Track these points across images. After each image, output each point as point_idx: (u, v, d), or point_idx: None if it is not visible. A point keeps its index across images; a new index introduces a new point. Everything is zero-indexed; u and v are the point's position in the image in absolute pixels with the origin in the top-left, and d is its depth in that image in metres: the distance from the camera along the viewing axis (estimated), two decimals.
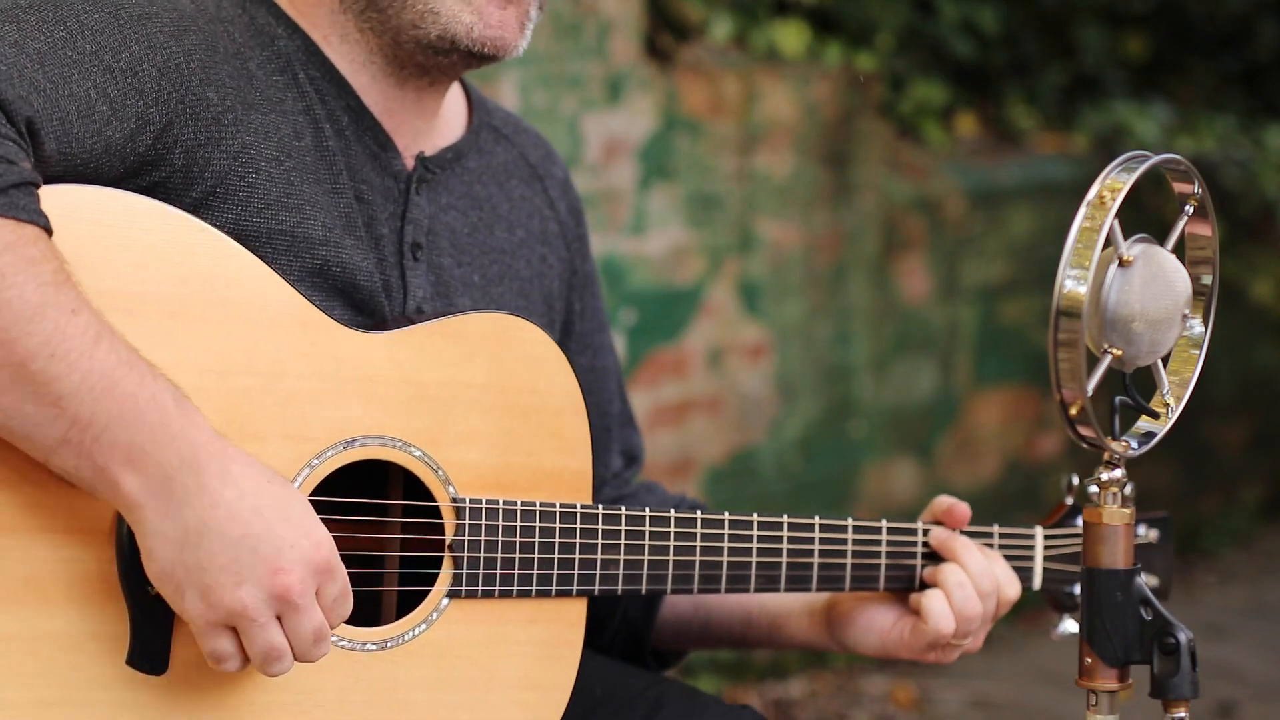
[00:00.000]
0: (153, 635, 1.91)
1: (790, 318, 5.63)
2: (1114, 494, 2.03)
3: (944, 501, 2.36)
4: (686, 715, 2.35)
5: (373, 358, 2.06)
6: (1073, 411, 1.93)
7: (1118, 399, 2.01)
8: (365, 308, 2.14)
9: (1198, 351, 2.05)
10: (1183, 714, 2.01)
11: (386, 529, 2.11)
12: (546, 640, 2.15)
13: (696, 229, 5.31)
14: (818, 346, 5.73)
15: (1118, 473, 2.03)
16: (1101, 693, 2.03)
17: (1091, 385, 1.92)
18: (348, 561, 1.97)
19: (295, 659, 1.91)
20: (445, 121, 2.31)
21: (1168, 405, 2.04)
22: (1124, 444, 2.01)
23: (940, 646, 2.31)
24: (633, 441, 2.55)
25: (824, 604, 2.39)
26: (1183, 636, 1.99)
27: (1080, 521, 2.08)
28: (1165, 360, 2.02)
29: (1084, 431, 1.95)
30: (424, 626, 2.08)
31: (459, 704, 2.10)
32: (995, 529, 2.39)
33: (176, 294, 1.95)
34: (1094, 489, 2.03)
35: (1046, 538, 2.43)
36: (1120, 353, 1.95)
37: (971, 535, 2.36)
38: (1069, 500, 2.47)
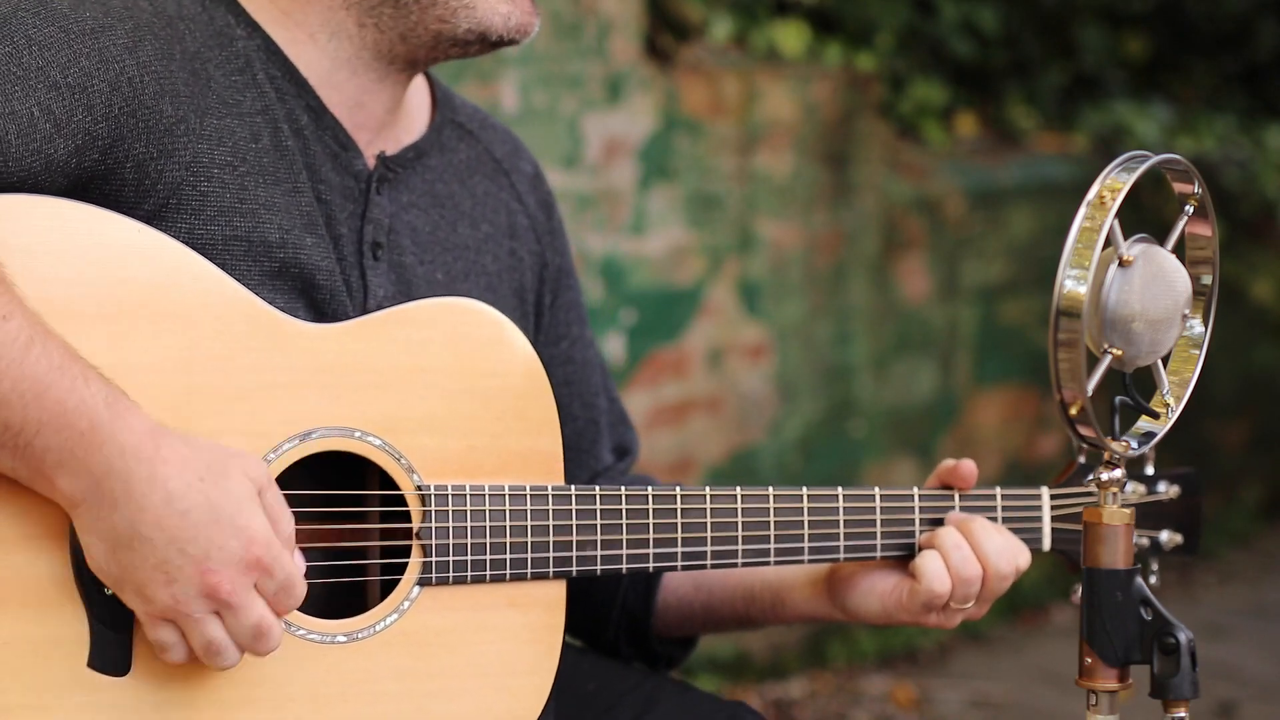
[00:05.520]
0: (112, 637, 1.92)
1: (790, 318, 5.63)
2: (1114, 494, 2.03)
3: (949, 462, 2.33)
4: (680, 711, 2.35)
5: (326, 349, 2.05)
6: (1073, 411, 1.93)
7: (1118, 399, 2.01)
8: (327, 307, 2.13)
9: (1198, 351, 2.05)
10: (1183, 714, 2.01)
11: (357, 520, 2.10)
12: (526, 625, 2.13)
13: (696, 229, 5.31)
14: (818, 346, 5.73)
15: (1117, 473, 2.03)
16: (1101, 693, 2.03)
17: (1091, 385, 1.92)
18: (318, 555, 1.97)
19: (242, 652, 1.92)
20: (409, 118, 2.29)
21: (1168, 405, 2.04)
22: (1124, 444, 2.01)
23: (939, 609, 2.29)
24: (626, 437, 2.54)
25: (826, 571, 2.37)
26: (1183, 636, 1.99)
27: (1090, 479, 2.05)
28: (1165, 360, 2.02)
29: (1084, 431, 1.95)
30: (395, 616, 2.06)
31: (437, 692, 2.08)
32: (997, 490, 2.36)
33: (115, 296, 1.94)
34: (1094, 489, 2.04)
35: (1053, 497, 2.40)
36: (1120, 353, 1.95)
37: (973, 498, 2.33)
38: (1081, 459, 2.42)
